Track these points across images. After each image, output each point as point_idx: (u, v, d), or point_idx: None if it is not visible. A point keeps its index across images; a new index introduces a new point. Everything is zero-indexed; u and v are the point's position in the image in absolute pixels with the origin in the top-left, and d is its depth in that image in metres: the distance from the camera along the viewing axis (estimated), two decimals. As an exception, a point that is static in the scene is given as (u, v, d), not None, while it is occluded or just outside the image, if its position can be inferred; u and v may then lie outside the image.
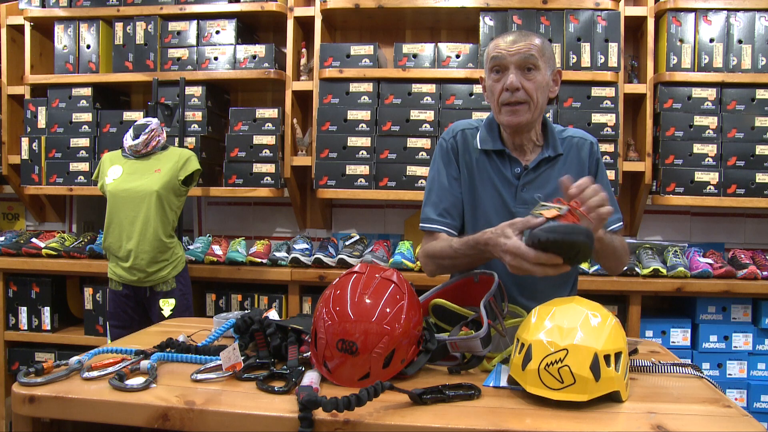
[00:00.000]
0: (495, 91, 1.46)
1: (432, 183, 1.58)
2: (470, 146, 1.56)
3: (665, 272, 2.61)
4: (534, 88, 1.43)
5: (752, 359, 2.62)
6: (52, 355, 3.00)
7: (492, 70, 1.46)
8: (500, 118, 1.48)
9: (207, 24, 3.01)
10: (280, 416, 0.98)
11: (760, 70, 2.70)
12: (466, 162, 1.55)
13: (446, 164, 1.57)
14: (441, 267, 1.52)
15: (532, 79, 1.43)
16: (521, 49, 1.42)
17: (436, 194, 1.56)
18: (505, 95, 1.44)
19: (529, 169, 1.50)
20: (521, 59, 1.42)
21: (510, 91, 1.42)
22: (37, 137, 3.09)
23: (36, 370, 1.11)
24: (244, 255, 2.88)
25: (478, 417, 0.97)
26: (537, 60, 1.42)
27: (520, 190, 1.51)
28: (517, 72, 1.42)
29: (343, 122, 2.85)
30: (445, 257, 1.46)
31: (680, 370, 1.23)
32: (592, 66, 2.76)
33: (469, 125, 1.59)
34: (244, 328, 1.29)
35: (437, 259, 1.49)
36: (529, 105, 1.44)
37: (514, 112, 1.44)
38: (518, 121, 1.45)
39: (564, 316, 1.06)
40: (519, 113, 1.44)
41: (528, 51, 1.41)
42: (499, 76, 1.45)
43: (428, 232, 1.56)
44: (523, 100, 1.43)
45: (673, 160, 2.71)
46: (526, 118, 1.45)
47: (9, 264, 3.00)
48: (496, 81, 1.45)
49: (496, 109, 1.48)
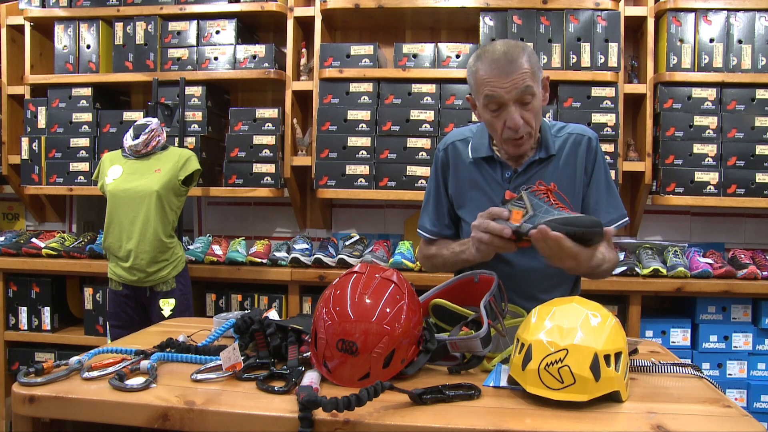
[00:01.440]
0: (496, 126, 1.43)
1: (428, 193, 1.66)
2: (461, 157, 1.57)
3: (665, 272, 2.61)
4: (533, 116, 1.41)
5: (752, 359, 2.62)
6: (52, 355, 3.00)
7: (487, 107, 1.41)
8: (505, 147, 1.48)
9: (207, 24, 3.01)
10: (280, 416, 0.98)
11: (760, 70, 2.70)
12: (456, 174, 1.57)
13: (437, 177, 1.63)
14: (435, 266, 1.64)
15: (530, 109, 1.39)
16: (517, 84, 1.35)
17: (431, 204, 1.64)
18: (508, 133, 1.41)
19: (519, 172, 1.50)
20: (519, 94, 1.37)
21: (513, 129, 1.40)
22: (37, 137, 3.09)
23: (36, 370, 1.11)
24: (244, 255, 2.88)
25: (478, 417, 0.97)
26: (532, 87, 1.37)
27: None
28: (516, 107, 1.38)
29: (343, 122, 2.85)
30: (437, 257, 1.59)
31: (680, 370, 1.23)
32: (592, 66, 2.76)
33: (461, 135, 1.60)
34: (244, 328, 1.29)
35: (432, 258, 1.63)
36: (531, 133, 1.44)
37: (520, 144, 1.44)
38: (524, 150, 1.47)
39: (564, 316, 1.06)
40: (524, 144, 1.45)
41: (523, 83, 1.36)
42: (497, 113, 1.40)
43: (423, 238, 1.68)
44: (526, 132, 1.42)
45: (673, 160, 2.71)
46: (530, 144, 1.47)
47: (9, 264, 3.00)
48: (495, 117, 1.41)
49: (499, 141, 1.47)
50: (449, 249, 1.54)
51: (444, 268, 1.61)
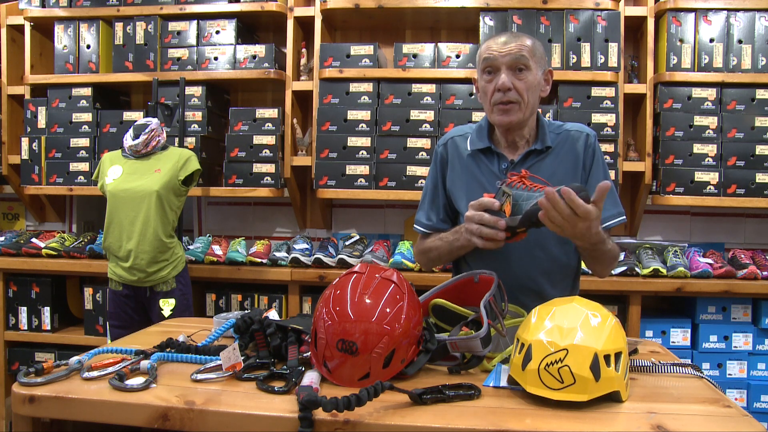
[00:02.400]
0: (487, 91, 1.49)
1: (425, 188, 1.68)
2: (460, 151, 1.60)
3: (665, 272, 2.61)
4: (525, 87, 1.45)
5: (752, 359, 2.62)
6: (52, 355, 3.00)
7: (484, 71, 1.49)
8: (492, 117, 1.51)
9: (207, 24, 3.01)
10: (280, 416, 0.98)
11: (760, 70, 2.70)
12: (454, 168, 1.60)
13: (436, 172, 1.65)
14: (430, 260, 1.63)
15: (523, 78, 1.45)
16: (512, 50, 1.44)
17: (428, 200, 1.66)
18: (497, 95, 1.46)
19: (516, 164, 1.52)
20: (512, 60, 1.44)
21: (502, 91, 1.45)
22: (37, 137, 3.09)
23: (36, 370, 1.11)
24: (244, 255, 2.88)
25: (478, 417, 0.97)
26: (528, 60, 1.45)
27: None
28: (509, 72, 1.45)
29: (343, 122, 2.85)
30: (432, 249, 1.59)
31: (680, 370, 1.23)
32: (592, 66, 2.76)
33: (461, 132, 1.63)
34: (244, 328, 1.29)
35: (427, 252, 1.62)
36: (521, 104, 1.47)
37: (506, 111, 1.47)
38: (510, 120, 1.48)
39: (564, 316, 1.06)
40: (510, 112, 1.47)
41: (519, 51, 1.44)
42: (491, 77, 1.47)
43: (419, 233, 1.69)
44: (515, 99, 1.46)
45: (673, 160, 2.71)
46: (517, 117, 1.48)
47: (9, 264, 3.00)
48: (488, 82, 1.48)
49: (489, 109, 1.51)
50: (443, 239, 1.55)
51: (440, 261, 1.62)
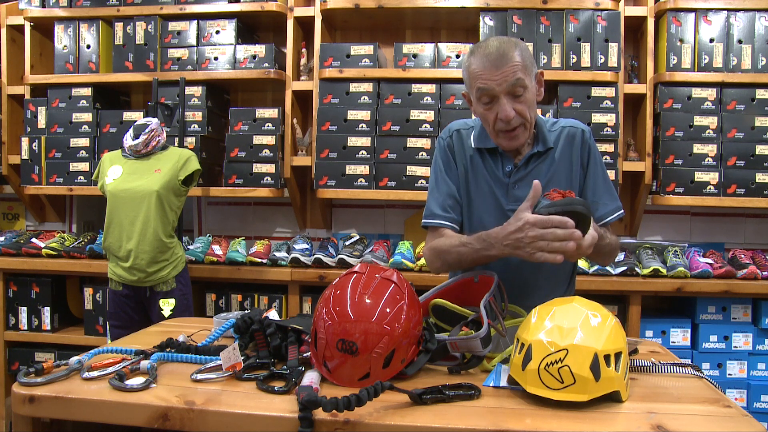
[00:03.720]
0: (488, 119, 1.44)
1: (434, 180, 1.59)
2: (465, 145, 1.57)
3: (665, 272, 2.61)
4: (526, 108, 1.42)
5: (752, 359, 2.62)
6: (52, 355, 3.00)
7: (480, 100, 1.43)
8: (499, 141, 1.48)
9: (207, 24, 3.01)
10: (280, 416, 0.98)
11: (760, 70, 2.70)
12: (461, 161, 1.57)
13: (445, 162, 1.58)
14: (447, 263, 1.49)
15: (522, 101, 1.41)
16: (507, 77, 1.38)
17: (438, 191, 1.57)
18: (500, 125, 1.42)
19: (520, 166, 1.51)
20: (509, 86, 1.39)
21: (505, 121, 1.41)
22: (37, 137, 3.09)
23: (36, 370, 1.11)
24: (244, 255, 2.88)
25: (478, 417, 0.97)
26: (524, 80, 1.39)
27: (512, 187, 1.51)
28: (508, 99, 1.40)
29: (343, 122, 2.85)
30: (452, 252, 1.44)
31: (680, 370, 1.23)
32: (592, 66, 2.76)
33: (465, 125, 1.60)
34: (244, 328, 1.29)
35: (444, 254, 1.47)
36: (525, 125, 1.44)
37: (513, 137, 1.44)
38: (519, 143, 1.47)
39: (564, 316, 1.06)
40: (517, 137, 1.45)
41: (514, 75, 1.38)
42: (489, 106, 1.42)
43: (432, 228, 1.56)
44: (519, 124, 1.43)
45: (673, 160, 2.71)
46: (524, 137, 1.46)
47: (9, 264, 3.00)
48: (487, 110, 1.43)
49: (492, 134, 1.47)
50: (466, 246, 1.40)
51: (459, 266, 1.49)
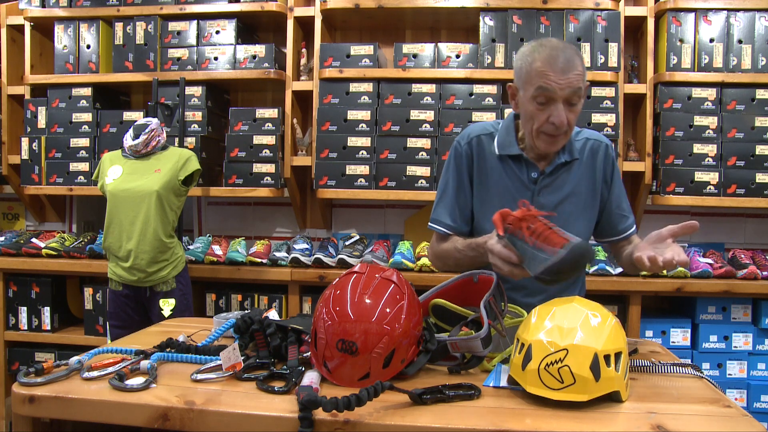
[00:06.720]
0: (537, 118, 1.41)
1: (445, 186, 1.60)
2: (486, 152, 1.55)
3: (665, 272, 2.61)
4: (575, 117, 1.41)
5: (752, 359, 2.62)
6: (52, 355, 3.00)
7: (535, 98, 1.40)
8: (536, 142, 1.45)
9: (207, 24, 3.01)
10: (280, 416, 0.98)
11: (760, 70, 2.70)
12: (480, 168, 1.55)
13: (459, 169, 1.57)
14: (447, 266, 1.59)
15: (575, 110, 1.40)
16: (572, 83, 1.37)
17: (449, 197, 1.58)
18: (548, 127, 1.41)
19: (546, 174, 1.50)
20: (571, 93, 1.37)
21: (557, 126, 1.39)
22: (37, 137, 3.09)
23: (36, 370, 1.11)
24: (244, 255, 2.88)
25: (478, 417, 0.97)
26: (582, 90, 1.40)
27: (537, 194, 1.51)
28: (564, 105, 1.38)
29: (343, 122, 2.85)
30: (450, 257, 1.55)
31: (680, 370, 1.23)
32: (592, 66, 2.76)
33: (485, 130, 1.58)
34: (244, 328, 1.29)
35: (443, 258, 1.59)
36: (567, 133, 1.44)
37: (554, 142, 1.44)
38: (555, 149, 1.47)
39: (564, 316, 1.06)
40: (557, 143, 1.45)
41: (577, 83, 1.37)
42: (543, 107, 1.40)
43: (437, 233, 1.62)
44: (565, 131, 1.42)
45: (673, 160, 2.71)
46: (561, 144, 1.46)
47: (9, 264, 3.00)
48: (540, 110, 1.40)
49: (533, 133, 1.44)
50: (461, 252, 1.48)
51: (458, 269, 1.53)
